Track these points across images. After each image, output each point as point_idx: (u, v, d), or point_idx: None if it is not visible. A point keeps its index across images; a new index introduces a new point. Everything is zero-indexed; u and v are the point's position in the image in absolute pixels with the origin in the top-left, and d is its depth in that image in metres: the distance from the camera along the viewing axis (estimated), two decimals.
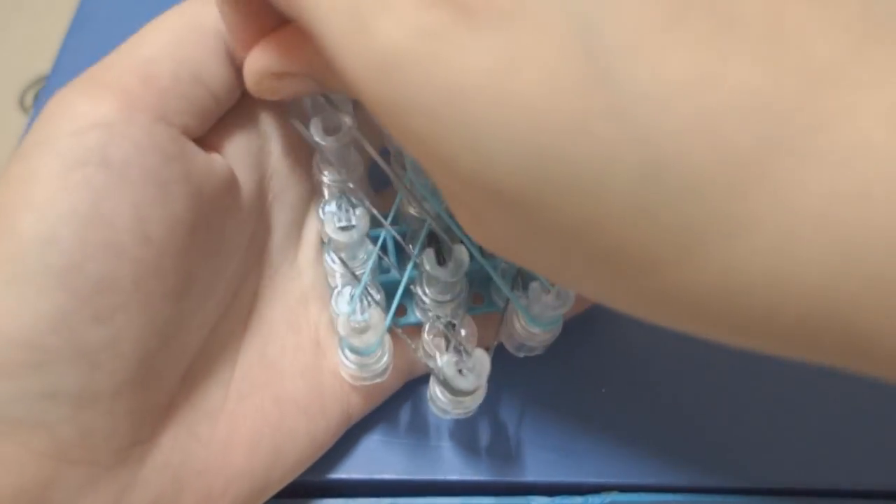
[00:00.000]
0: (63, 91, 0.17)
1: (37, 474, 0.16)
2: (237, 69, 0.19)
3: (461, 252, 0.20)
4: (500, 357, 0.25)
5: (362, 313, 0.19)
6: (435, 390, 0.20)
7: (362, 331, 0.19)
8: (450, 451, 0.23)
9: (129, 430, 0.17)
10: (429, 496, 0.23)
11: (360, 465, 0.23)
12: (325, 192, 0.22)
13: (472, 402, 0.20)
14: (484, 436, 0.24)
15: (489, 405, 0.24)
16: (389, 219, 0.22)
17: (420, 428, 0.24)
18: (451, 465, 0.23)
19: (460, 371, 0.18)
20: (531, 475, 0.23)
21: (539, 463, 0.23)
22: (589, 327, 0.26)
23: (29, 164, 0.16)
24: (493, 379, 0.25)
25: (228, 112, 0.21)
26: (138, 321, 0.17)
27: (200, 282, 0.19)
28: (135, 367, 0.17)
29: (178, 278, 0.18)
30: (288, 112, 0.23)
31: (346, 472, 0.23)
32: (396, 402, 0.24)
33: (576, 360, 0.25)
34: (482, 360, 0.18)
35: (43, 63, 0.36)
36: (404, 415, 0.24)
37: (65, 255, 0.15)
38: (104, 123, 0.16)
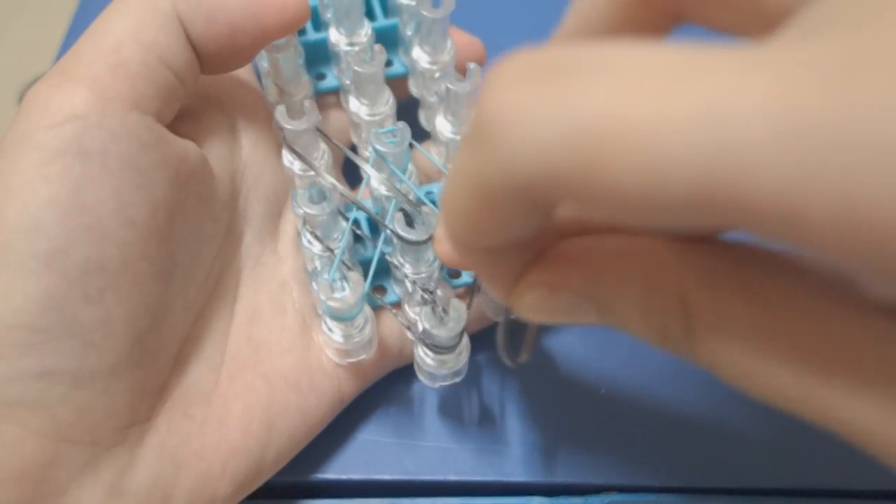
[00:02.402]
0: (37, 87, 0.18)
1: (37, 454, 0.16)
2: (195, 51, 0.19)
3: (429, 214, 0.20)
4: (500, 358, 0.25)
5: (342, 287, 0.20)
6: (420, 354, 0.20)
7: (340, 292, 0.19)
8: (449, 452, 0.23)
9: (127, 409, 0.18)
10: (428, 496, 0.23)
11: (360, 465, 0.23)
12: (297, 182, 0.23)
13: (456, 363, 0.20)
14: (483, 436, 0.24)
15: (489, 405, 0.24)
16: (360, 193, 0.23)
17: (419, 428, 0.24)
18: (451, 466, 0.23)
19: (437, 320, 0.19)
20: (531, 475, 0.23)
21: (539, 463, 0.23)
22: (588, 328, 0.26)
23: (9, 159, 0.16)
24: (492, 379, 0.25)
25: (199, 108, 0.22)
26: (129, 301, 0.17)
27: (182, 265, 0.20)
28: (128, 346, 0.17)
29: (163, 260, 0.18)
30: (258, 108, 0.23)
31: (344, 472, 0.23)
32: (395, 402, 0.24)
33: (575, 361, 0.25)
34: (458, 309, 0.19)
35: (43, 63, 0.36)
36: (405, 415, 0.24)
37: (50, 240, 0.16)
38: (79, 115, 0.17)
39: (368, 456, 0.23)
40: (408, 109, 0.25)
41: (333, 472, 0.23)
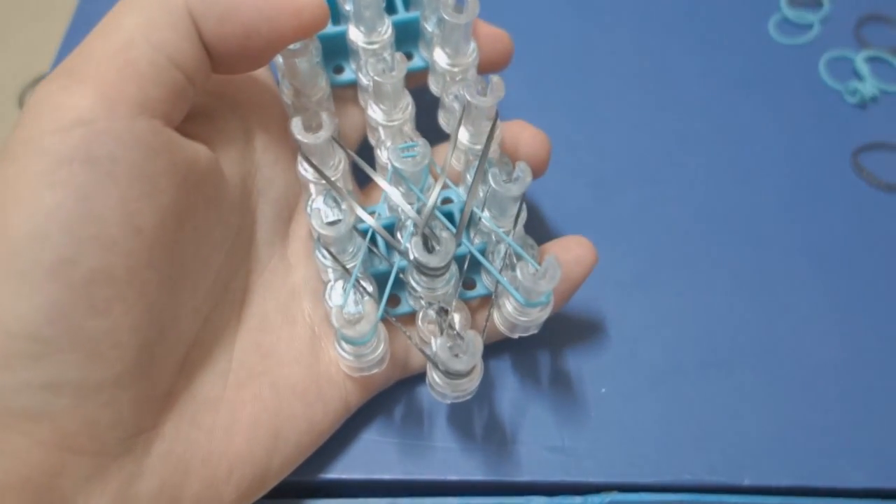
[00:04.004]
0: (44, 85, 0.17)
1: (43, 464, 0.16)
2: (205, 50, 0.19)
3: (449, 239, 0.20)
4: (500, 358, 0.25)
5: (355, 305, 0.20)
6: (433, 375, 0.20)
7: (355, 321, 0.19)
8: (449, 452, 0.23)
9: (133, 419, 0.18)
10: (428, 496, 0.23)
11: (360, 465, 0.23)
12: (312, 189, 0.22)
13: (470, 385, 0.20)
14: (484, 436, 0.24)
15: (489, 405, 0.24)
16: (376, 214, 0.22)
17: (420, 428, 0.24)
18: (451, 466, 0.23)
19: (455, 354, 0.19)
20: (531, 475, 0.23)
21: (538, 462, 0.23)
22: (588, 328, 0.26)
23: (15, 164, 0.16)
24: (493, 379, 0.25)
25: (212, 109, 0.21)
26: (135, 311, 0.17)
27: (190, 271, 0.19)
28: (134, 356, 0.17)
29: (170, 267, 0.18)
30: (272, 109, 0.23)
31: (345, 472, 0.23)
32: (397, 403, 0.24)
33: (575, 361, 0.25)
34: (475, 341, 0.19)
35: (43, 63, 0.36)
36: (405, 415, 0.24)
37: (56, 249, 0.16)
38: (87, 120, 0.16)
39: (369, 456, 0.23)
40: (429, 107, 0.25)
41: (335, 471, 0.23)
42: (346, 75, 0.25)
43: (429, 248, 0.20)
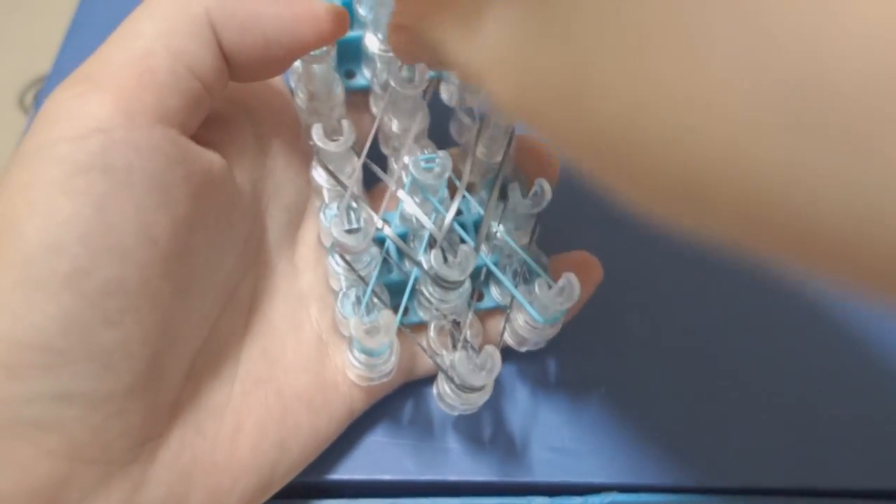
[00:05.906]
0: (60, 91, 0.17)
1: (51, 474, 0.16)
2: (224, 59, 0.19)
3: (467, 251, 0.20)
4: (501, 360, 0.25)
5: (368, 314, 0.19)
6: (444, 388, 0.20)
7: (374, 332, 0.19)
8: (451, 452, 0.23)
9: (141, 427, 0.17)
10: (430, 496, 0.23)
11: (362, 465, 0.23)
12: (325, 196, 0.22)
13: (480, 398, 0.20)
14: (485, 436, 0.24)
15: (490, 406, 0.24)
16: (383, 207, 0.22)
17: (421, 429, 0.24)
18: (452, 466, 0.23)
19: (473, 369, 0.19)
20: (531, 475, 0.23)
21: (539, 463, 0.23)
22: (589, 328, 0.26)
23: (30, 171, 0.16)
24: (493, 380, 0.25)
25: (225, 113, 0.21)
26: (147, 321, 0.17)
27: (200, 279, 0.19)
28: (145, 366, 0.17)
29: (182, 277, 0.18)
30: (287, 117, 0.23)
31: (347, 472, 0.23)
32: (398, 403, 0.24)
33: (576, 361, 0.25)
34: (494, 357, 0.19)
35: (43, 63, 0.36)
36: (406, 416, 0.24)
37: (71, 260, 0.15)
38: (104, 129, 0.16)
39: (370, 456, 0.23)
40: (440, 112, 0.25)
41: (335, 472, 0.23)
42: (358, 80, 0.25)
43: (445, 259, 0.20)
